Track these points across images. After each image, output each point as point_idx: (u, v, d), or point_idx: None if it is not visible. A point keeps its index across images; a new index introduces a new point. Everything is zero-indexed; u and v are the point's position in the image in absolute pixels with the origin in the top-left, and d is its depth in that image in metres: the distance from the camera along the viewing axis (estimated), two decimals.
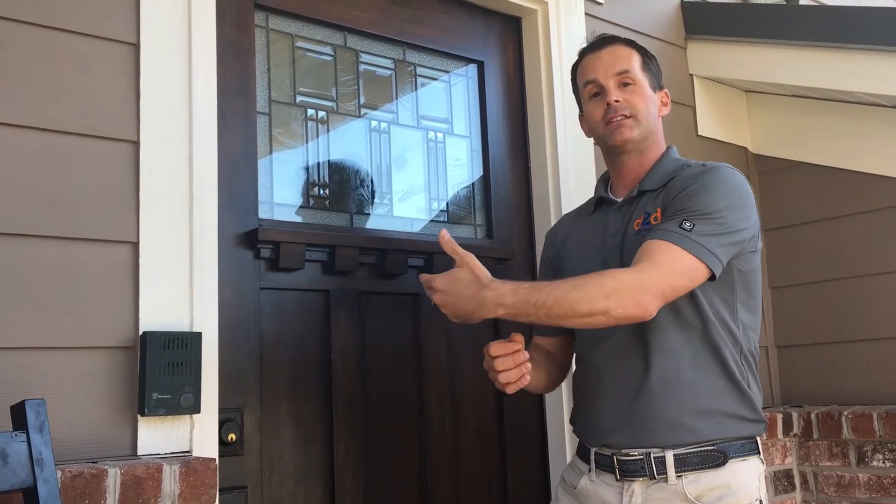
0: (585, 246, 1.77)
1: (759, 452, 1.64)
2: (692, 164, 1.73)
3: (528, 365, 1.59)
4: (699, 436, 1.58)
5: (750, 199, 1.63)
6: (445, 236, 1.62)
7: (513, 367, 1.56)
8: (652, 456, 1.58)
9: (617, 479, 1.62)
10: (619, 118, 1.71)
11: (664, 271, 1.50)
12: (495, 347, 1.57)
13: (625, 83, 1.74)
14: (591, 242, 1.76)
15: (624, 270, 1.53)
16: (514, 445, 2.30)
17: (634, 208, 1.71)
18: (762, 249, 1.70)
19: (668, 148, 1.80)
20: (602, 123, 1.74)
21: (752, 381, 1.65)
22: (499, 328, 2.18)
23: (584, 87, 1.79)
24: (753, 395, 1.64)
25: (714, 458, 1.58)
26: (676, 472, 1.57)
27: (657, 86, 1.80)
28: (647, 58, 1.80)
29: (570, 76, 1.90)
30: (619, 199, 1.77)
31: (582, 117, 1.85)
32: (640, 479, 1.59)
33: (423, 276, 1.61)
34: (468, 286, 1.53)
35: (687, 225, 1.53)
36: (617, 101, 1.72)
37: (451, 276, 1.56)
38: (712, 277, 1.55)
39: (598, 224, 1.78)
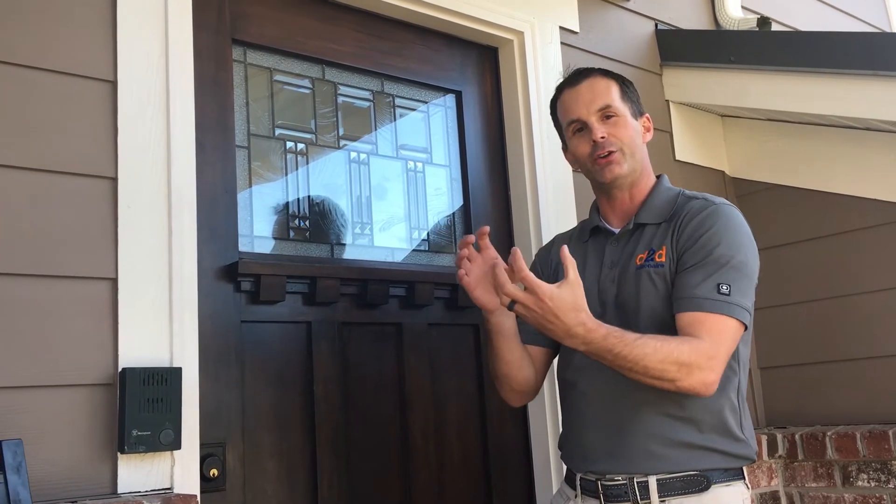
0: (584, 272, 1.73)
1: (744, 478, 1.65)
2: (690, 195, 1.74)
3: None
4: (678, 466, 1.58)
5: (753, 239, 1.68)
6: (564, 251, 1.55)
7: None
8: (635, 481, 1.59)
9: None
10: (607, 154, 1.72)
11: (720, 347, 1.55)
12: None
13: (608, 116, 1.74)
14: (588, 272, 1.75)
15: (695, 344, 1.53)
16: (499, 474, 2.29)
17: (634, 241, 1.72)
18: None
19: (659, 177, 1.81)
20: (590, 160, 1.75)
21: (744, 422, 1.66)
22: (482, 370, 2.18)
23: (568, 125, 1.80)
24: (747, 437, 1.65)
25: (697, 483, 1.58)
26: (660, 497, 1.57)
27: (638, 112, 1.81)
28: (625, 85, 1.81)
29: (549, 110, 1.91)
30: (616, 230, 1.77)
31: (566, 150, 1.86)
32: (624, 503, 1.60)
33: (531, 279, 1.48)
34: (569, 311, 1.48)
35: (724, 289, 1.57)
36: (603, 138, 1.73)
37: (561, 295, 1.48)
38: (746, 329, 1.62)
39: (595, 253, 1.78)
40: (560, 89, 1.84)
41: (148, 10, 1.80)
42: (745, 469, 1.65)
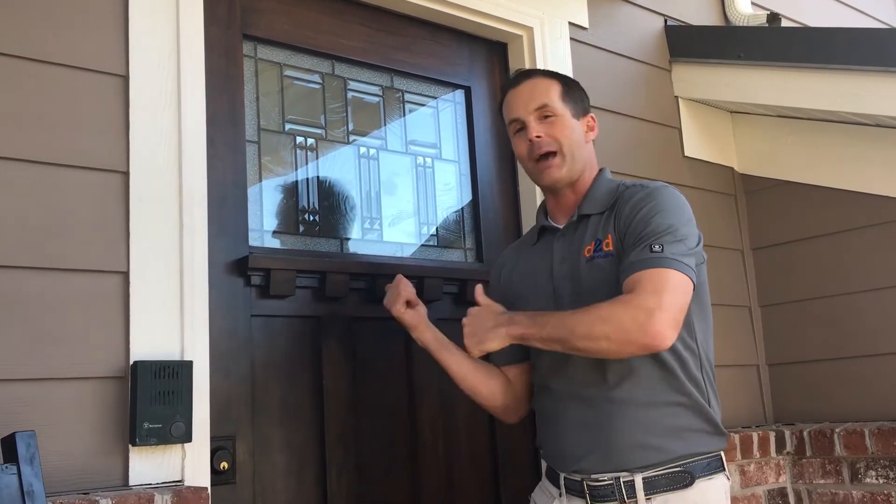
0: (534, 276, 1.79)
1: (724, 469, 1.66)
2: (629, 184, 1.75)
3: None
4: (666, 454, 1.59)
5: (691, 215, 1.69)
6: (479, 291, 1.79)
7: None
8: (621, 480, 1.60)
9: None
10: (545, 156, 1.73)
11: (662, 297, 1.51)
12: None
13: (545, 116, 1.75)
14: (539, 272, 1.77)
15: (627, 298, 1.53)
16: (507, 470, 2.29)
17: (580, 234, 1.73)
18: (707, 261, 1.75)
19: (600, 170, 1.82)
20: (529, 160, 1.77)
21: (711, 395, 1.68)
22: None
23: (509, 124, 1.81)
24: (713, 408, 1.67)
25: (682, 479, 1.59)
26: (646, 494, 1.58)
27: (581, 112, 1.80)
28: (567, 86, 1.81)
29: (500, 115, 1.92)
30: (561, 226, 1.78)
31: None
32: (611, 503, 1.60)
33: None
34: (487, 319, 1.70)
35: (656, 247, 1.56)
36: (539, 137, 1.74)
37: (477, 310, 1.75)
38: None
39: (544, 253, 1.79)
40: (504, 91, 1.86)
41: (159, 5, 1.81)
42: (723, 456, 1.67)
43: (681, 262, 1.56)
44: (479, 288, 1.80)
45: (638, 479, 1.58)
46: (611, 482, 1.60)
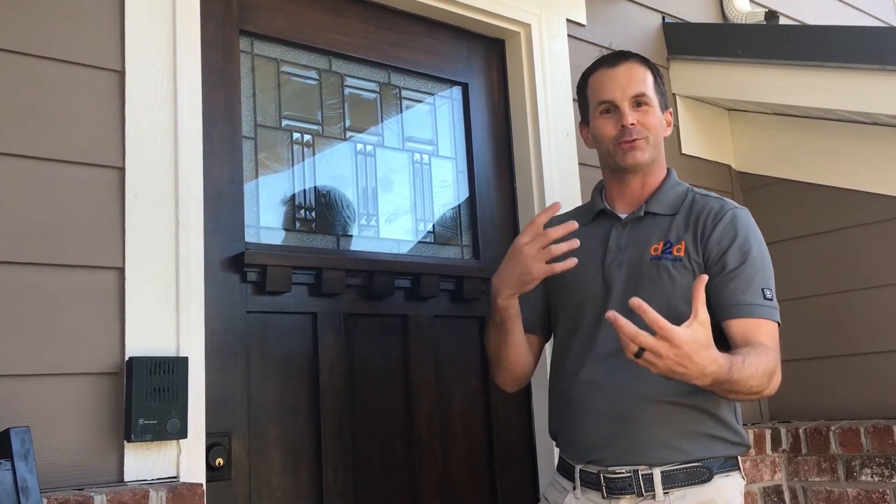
0: (586, 257, 1.70)
1: (739, 468, 1.68)
2: (703, 193, 1.76)
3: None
4: (686, 455, 1.60)
5: None
6: (703, 279, 1.47)
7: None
8: (640, 473, 1.59)
9: (603, 497, 1.62)
10: (632, 140, 1.72)
11: (778, 350, 1.63)
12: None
13: (639, 104, 1.74)
14: (591, 256, 1.73)
15: (769, 353, 1.59)
16: (503, 465, 2.30)
17: (645, 230, 1.72)
18: None
19: (669, 170, 1.82)
20: (613, 142, 1.75)
21: (737, 411, 1.70)
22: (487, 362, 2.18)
23: (598, 104, 1.78)
24: (738, 419, 1.69)
25: (700, 475, 1.60)
26: (664, 488, 1.58)
27: (664, 105, 1.81)
28: (657, 77, 1.81)
29: (578, 82, 1.89)
30: (623, 216, 1.76)
31: (585, 127, 1.86)
32: (628, 496, 1.60)
33: (661, 323, 1.36)
34: (702, 352, 1.40)
35: (769, 294, 1.65)
36: (633, 125, 1.72)
37: (694, 336, 1.39)
38: None
39: (599, 237, 1.76)
40: (596, 66, 1.83)
41: (155, 0, 1.80)
42: (740, 459, 1.69)
43: (778, 310, 1.67)
44: (640, 302, 1.39)
45: (657, 473, 1.58)
46: (629, 475, 1.60)
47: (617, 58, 1.80)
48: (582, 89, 1.87)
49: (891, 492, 2.47)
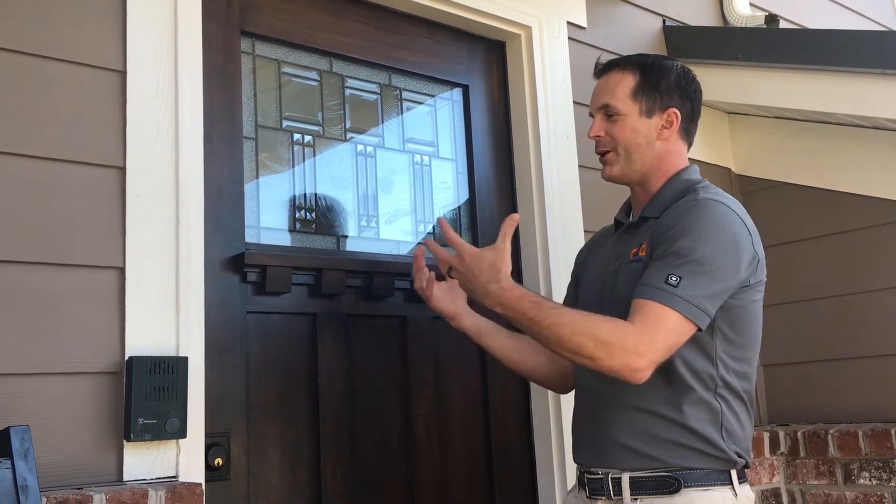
0: (596, 265, 1.79)
1: (730, 484, 1.56)
2: (697, 189, 1.67)
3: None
4: (656, 463, 1.55)
5: (736, 237, 1.57)
6: (515, 218, 1.67)
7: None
8: (610, 477, 1.59)
9: (587, 497, 1.65)
10: (602, 154, 1.75)
11: (655, 336, 1.47)
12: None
13: (609, 115, 1.73)
14: (598, 264, 1.78)
15: (619, 325, 1.49)
16: (502, 467, 2.30)
17: (634, 235, 1.72)
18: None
19: (678, 172, 1.73)
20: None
21: (731, 420, 1.58)
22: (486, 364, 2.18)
23: (590, 116, 1.81)
24: (727, 432, 1.57)
25: (668, 485, 1.54)
26: (632, 494, 1.56)
27: (659, 107, 1.71)
28: (646, 79, 1.72)
29: None
30: (626, 223, 1.77)
31: None
32: (602, 498, 1.61)
33: (456, 240, 1.66)
34: (486, 271, 1.60)
35: (673, 280, 1.49)
36: (598, 136, 1.74)
37: (480, 254, 1.62)
38: (699, 329, 1.52)
39: (609, 246, 1.80)
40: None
41: (157, 0, 1.80)
42: (734, 473, 1.57)
43: (689, 303, 1.48)
44: (443, 221, 1.73)
45: (625, 478, 1.58)
46: (601, 477, 1.61)
47: (602, 68, 1.80)
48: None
49: (889, 495, 2.48)
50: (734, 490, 1.56)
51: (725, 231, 1.56)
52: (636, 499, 1.56)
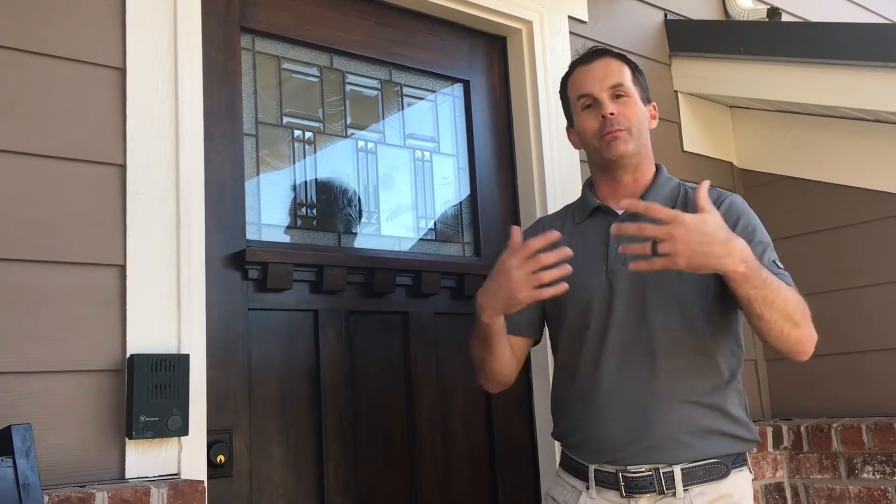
0: (584, 256, 1.69)
1: (748, 463, 1.71)
2: (690, 186, 1.74)
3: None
4: (702, 453, 1.62)
5: None
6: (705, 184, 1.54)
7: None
8: (661, 471, 1.60)
9: (622, 496, 1.62)
10: (615, 132, 1.72)
11: None
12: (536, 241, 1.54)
13: (618, 95, 1.75)
14: (591, 254, 1.72)
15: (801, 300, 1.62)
16: (505, 464, 2.30)
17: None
18: None
19: (659, 166, 1.82)
20: (596, 137, 1.74)
21: (747, 403, 1.73)
22: None
23: (578, 99, 1.79)
24: (748, 416, 1.72)
25: (718, 471, 1.63)
26: (684, 485, 1.60)
27: (646, 99, 1.82)
28: (636, 71, 1.82)
29: (559, 88, 1.91)
30: (620, 212, 1.73)
31: (570, 129, 1.86)
32: (648, 494, 1.61)
33: (666, 210, 1.47)
34: (719, 230, 1.46)
35: (781, 266, 1.68)
36: (612, 114, 1.72)
37: (703, 216, 1.46)
38: None
39: (597, 233, 1.74)
40: (573, 66, 1.85)
41: None
42: (748, 454, 1.71)
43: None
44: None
45: (677, 471, 1.60)
46: (650, 473, 1.60)
47: (592, 55, 1.82)
48: (563, 93, 1.88)
49: (892, 489, 2.47)
50: (749, 468, 1.71)
51: (760, 222, 1.75)
52: (688, 489, 1.60)
